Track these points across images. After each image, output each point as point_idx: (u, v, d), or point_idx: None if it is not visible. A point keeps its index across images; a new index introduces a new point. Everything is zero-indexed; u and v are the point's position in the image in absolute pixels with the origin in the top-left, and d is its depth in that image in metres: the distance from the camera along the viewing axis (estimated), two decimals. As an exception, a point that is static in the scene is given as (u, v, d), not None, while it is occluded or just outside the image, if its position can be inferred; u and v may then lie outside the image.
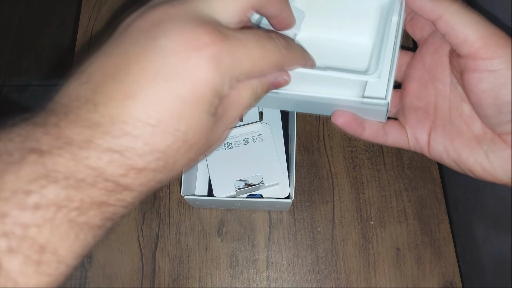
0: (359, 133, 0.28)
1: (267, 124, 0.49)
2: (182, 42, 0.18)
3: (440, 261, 0.47)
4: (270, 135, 0.48)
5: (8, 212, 0.15)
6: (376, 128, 0.28)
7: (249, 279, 0.47)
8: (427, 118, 0.27)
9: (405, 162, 0.52)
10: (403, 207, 0.50)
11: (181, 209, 0.50)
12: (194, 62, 0.18)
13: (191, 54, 0.18)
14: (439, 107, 0.26)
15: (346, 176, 0.51)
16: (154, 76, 0.18)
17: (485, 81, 0.22)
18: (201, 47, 0.18)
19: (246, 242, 0.48)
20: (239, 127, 0.49)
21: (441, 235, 0.48)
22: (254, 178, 0.46)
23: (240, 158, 0.46)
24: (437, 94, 0.26)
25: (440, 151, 0.26)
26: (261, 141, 0.47)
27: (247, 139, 0.47)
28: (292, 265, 0.47)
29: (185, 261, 0.48)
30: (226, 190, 0.45)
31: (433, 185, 0.51)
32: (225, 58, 0.19)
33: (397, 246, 0.48)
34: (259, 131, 0.48)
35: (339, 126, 0.27)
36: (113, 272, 0.47)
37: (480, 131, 0.25)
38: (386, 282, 0.47)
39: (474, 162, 0.25)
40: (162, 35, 0.18)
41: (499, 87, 0.22)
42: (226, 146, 0.47)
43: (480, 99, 0.23)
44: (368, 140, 0.28)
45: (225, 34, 0.19)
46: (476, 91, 0.23)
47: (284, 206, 0.45)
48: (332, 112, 0.28)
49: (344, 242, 0.48)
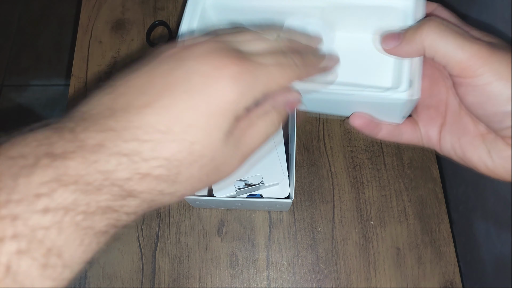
0: (376, 133, 0.28)
1: None
2: (206, 64, 0.20)
3: (441, 261, 0.47)
4: None
5: (19, 215, 0.15)
6: (392, 128, 0.28)
7: (249, 279, 0.47)
8: (438, 116, 0.27)
9: (405, 162, 0.52)
10: (403, 206, 0.50)
11: (181, 209, 0.50)
12: (214, 80, 0.19)
13: (212, 73, 0.19)
14: (449, 105, 0.27)
15: (346, 176, 0.51)
16: (175, 89, 0.19)
17: (471, 95, 0.24)
18: (222, 67, 0.20)
19: (246, 242, 0.48)
20: None
21: (441, 234, 0.48)
22: (254, 178, 0.46)
23: None
24: (448, 92, 0.27)
25: (449, 148, 0.27)
26: None
27: None
28: (292, 265, 0.47)
29: (185, 261, 0.48)
30: (226, 190, 0.45)
31: (433, 184, 0.51)
32: (244, 76, 0.20)
33: (397, 246, 0.48)
34: None
35: (356, 127, 0.28)
36: (113, 272, 0.47)
37: (485, 130, 0.25)
38: (386, 282, 0.47)
39: (478, 160, 0.25)
40: (189, 57, 0.20)
41: (484, 100, 0.23)
42: None
43: (471, 109, 0.24)
44: (384, 139, 0.29)
45: (245, 57, 0.21)
46: (465, 102, 0.24)
47: (284, 206, 0.45)
48: (351, 114, 0.28)
49: (344, 242, 0.48)
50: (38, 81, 1.34)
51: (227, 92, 0.19)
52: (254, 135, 0.22)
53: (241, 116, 0.20)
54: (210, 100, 0.19)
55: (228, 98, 0.19)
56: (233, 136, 0.20)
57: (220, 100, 0.19)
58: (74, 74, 0.57)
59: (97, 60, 0.57)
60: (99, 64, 0.57)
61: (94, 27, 0.60)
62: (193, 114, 0.19)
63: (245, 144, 0.21)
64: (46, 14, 1.43)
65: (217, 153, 0.20)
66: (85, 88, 0.56)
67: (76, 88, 0.56)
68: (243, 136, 0.21)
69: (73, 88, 0.56)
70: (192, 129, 0.19)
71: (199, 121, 0.19)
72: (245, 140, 0.21)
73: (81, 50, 0.58)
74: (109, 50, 0.58)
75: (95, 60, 0.57)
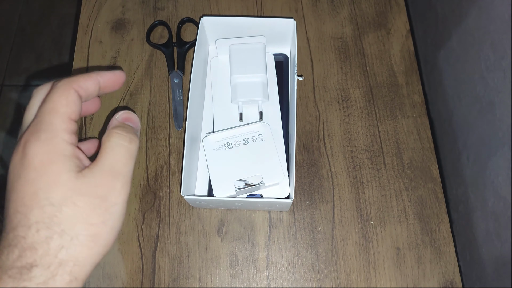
0: None
1: (267, 123, 0.49)
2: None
3: (440, 261, 0.47)
4: (270, 134, 0.47)
5: None
6: None
7: (249, 279, 0.47)
8: None
9: (405, 162, 0.52)
10: (403, 206, 0.50)
11: (181, 209, 0.50)
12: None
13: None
14: None
15: (346, 175, 0.51)
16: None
17: None
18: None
19: (246, 242, 0.48)
20: (239, 127, 0.48)
21: (441, 234, 0.48)
22: (254, 178, 0.46)
23: (240, 158, 0.46)
24: None
25: None
26: (261, 140, 0.47)
27: (247, 139, 0.47)
28: (292, 264, 0.47)
29: (185, 261, 0.48)
30: (226, 190, 0.45)
31: (433, 184, 0.51)
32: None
33: (397, 246, 0.48)
34: (259, 131, 0.48)
35: None
36: (113, 272, 0.47)
37: None
38: (386, 282, 0.47)
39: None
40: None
41: None
42: (226, 146, 0.47)
43: None
44: None
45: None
46: None
47: (284, 206, 0.45)
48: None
49: (344, 241, 0.48)
50: (38, 81, 1.34)
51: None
52: None
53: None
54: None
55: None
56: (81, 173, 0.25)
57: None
58: (74, 74, 0.57)
59: (97, 60, 0.57)
60: (99, 64, 0.57)
61: (94, 27, 0.60)
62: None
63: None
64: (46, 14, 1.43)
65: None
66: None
67: (76, 88, 0.56)
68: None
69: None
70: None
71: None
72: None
73: (81, 50, 0.58)
74: (109, 50, 0.58)
75: (95, 60, 0.57)
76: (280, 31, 0.51)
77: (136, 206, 0.50)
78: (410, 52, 0.58)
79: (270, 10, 0.60)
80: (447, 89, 0.60)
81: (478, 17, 0.50)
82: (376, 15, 0.60)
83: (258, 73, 0.50)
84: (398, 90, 0.55)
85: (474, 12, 0.51)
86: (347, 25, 0.59)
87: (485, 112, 0.50)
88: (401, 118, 0.54)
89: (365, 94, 0.55)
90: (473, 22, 0.52)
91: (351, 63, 0.57)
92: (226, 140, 0.47)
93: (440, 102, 0.63)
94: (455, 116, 0.58)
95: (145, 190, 0.51)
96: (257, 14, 0.60)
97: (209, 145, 0.47)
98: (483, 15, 0.49)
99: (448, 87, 0.60)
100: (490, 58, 0.48)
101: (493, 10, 0.47)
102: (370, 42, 0.58)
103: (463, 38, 0.55)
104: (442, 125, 0.62)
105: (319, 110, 0.54)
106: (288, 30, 0.51)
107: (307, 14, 0.60)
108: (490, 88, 0.48)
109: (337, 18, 0.60)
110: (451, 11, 0.58)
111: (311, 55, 0.57)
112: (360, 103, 0.55)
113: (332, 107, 0.54)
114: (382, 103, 0.55)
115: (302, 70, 0.56)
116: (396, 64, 0.57)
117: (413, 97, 0.55)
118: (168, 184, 0.51)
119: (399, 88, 0.55)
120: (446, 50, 0.60)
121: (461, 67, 0.56)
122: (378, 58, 0.57)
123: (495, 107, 0.47)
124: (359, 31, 0.59)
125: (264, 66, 0.50)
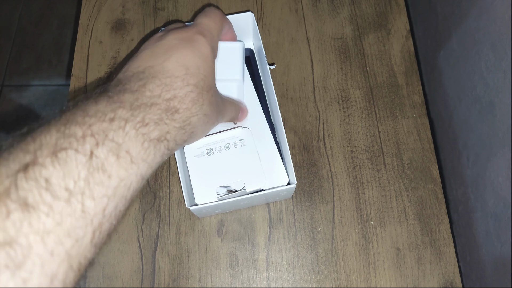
0: None
1: (248, 128, 0.47)
2: (184, 36, 0.32)
3: (440, 261, 0.47)
4: (252, 139, 0.46)
5: (93, 123, 0.22)
6: None
7: (249, 279, 0.47)
8: None
9: (405, 162, 0.52)
10: (403, 207, 0.50)
11: (181, 209, 0.50)
12: (195, 41, 0.31)
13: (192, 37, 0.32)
14: None
15: (346, 176, 0.51)
16: (181, 50, 0.29)
17: None
18: (194, 35, 0.32)
19: (246, 242, 0.48)
20: (220, 132, 0.47)
21: (441, 235, 0.48)
22: (236, 184, 0.45)
23: (222, 164, 0.45)
24: None
25: None
26: (243, 146, 0.46)
27: (228, 144, 0.46)
28: (292, 265, 0.47)
29: (185, 261, 0.48)
30: (208, 197, 0.44)
31: (433, 185, 0.51)
32: (204, 32, 0.32)
33: (397, 246, 0.48)
34: (240, 136, 0.46)
35: None
36: (113, 272, 0.47)
37: None
38: (386, 282, 0.47)
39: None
40: (172, 36, 0.32)
41: None
42: (207, 152, 0.46)
43: None
44: None
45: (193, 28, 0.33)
46: None
47: (288, 193, 0.45)
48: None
49: (344, 242, 0.48)
50: (38, 81, 1.34)
51: (209, 49, 0.31)
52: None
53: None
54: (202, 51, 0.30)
55: (209, 51, 0.31)
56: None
57: (207, 52, 0.31)
58: (74, 74, 0.57)
59: (97, 60, 0.57)
60: (99, 64, 0.57)
61: (94, 27, 0.60)
62: (194, 57, 0.29)
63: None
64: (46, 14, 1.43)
65: (214, 85, 0.31)
66: (85, 88, 0.56)
67: (76, 88, 0.56)
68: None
69: (73, 88, 0.56)
70: (199, 67, 0.29)
71: (198, 61, 0.29)
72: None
73: (81, 50, 0.58)
74: (109, 50, 0.58)
75: (95, 60, 0.57)
76: (241, 26, 0.50)
77: (136, 206, 0.50)
78: (410, 53, 0.58)
79: (270, 10, 0.60)
80: (447, 90, 0.60)
81: (478, 18, 0.50)
82: (376, 16, 0.60)
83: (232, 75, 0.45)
84: (398, 90, 0.55)
85: (474, 13, 0.51)
86: (347, 25, 0.59)
87: (485, 113, 0.50)
88: (401, 119, 0.54)
89: (365, 94, 0.55)
90: (473, 23, 0.52)
91: (351, 63, 0.57)
92: (207, 146, 0.45)
93: (440, 103, 0.63)
94: (455, 117, 0.58)
95: (145, 190, 0.51)
96: (257, 14, 0.60)
97: (190, 152, 0.45)
98: (483, 16, 0.49)
99: (448, 87, 0.60)
100: (490, 59, 0.48)
101: (493, 11, 0.47)
102: (370, 43, 0.58)
103: (463, 39, 0.55)
104: (442, 125, 0.62)
105: (319, 111, 0.54)
106: (248, 24, 0.50)
107: (307, 15, 0.60)
108: (490, 88, 0.48)
109: (337, 18, 0.60)
110: (451, 11, 0.58)
111: (311, 56, 0.57)
112: (360, 104, 0.55)
113: (332, 108, 0.54)
114: (382, 103, 0.55)
115: (302, 70, 0.56)
116: (396, 65, 0.57)
117: (413, 98, 0.55)
118: (168, 184, 0.51)
119: (399, 89, 0.55)
120: (446, 51, 0.60)
121: (461, 67, 0.56)
122: (378, 59, 0.57)
123: (495, 107, 0.47)
124: (359, 32, 0.59)
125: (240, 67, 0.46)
